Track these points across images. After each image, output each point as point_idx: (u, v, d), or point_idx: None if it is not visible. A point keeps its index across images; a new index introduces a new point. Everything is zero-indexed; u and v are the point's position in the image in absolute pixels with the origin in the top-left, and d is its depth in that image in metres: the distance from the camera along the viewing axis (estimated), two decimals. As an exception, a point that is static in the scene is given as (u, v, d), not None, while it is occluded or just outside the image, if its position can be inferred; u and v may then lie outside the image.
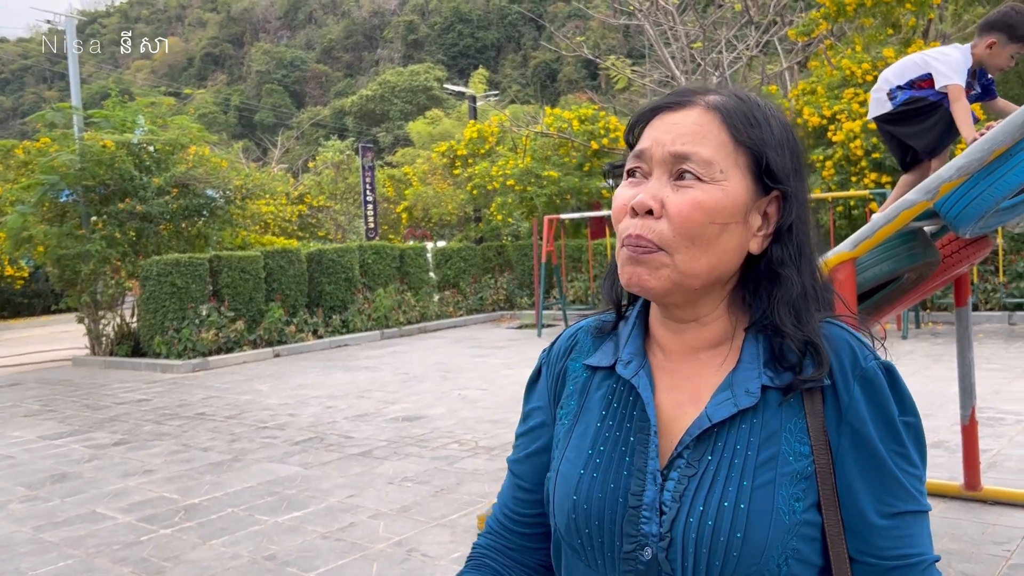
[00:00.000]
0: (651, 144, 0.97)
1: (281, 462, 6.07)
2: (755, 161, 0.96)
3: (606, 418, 1.02)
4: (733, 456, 0.93)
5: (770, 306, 0.98)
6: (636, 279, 0.96)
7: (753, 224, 0.98)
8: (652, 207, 0.94)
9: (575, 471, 1.00)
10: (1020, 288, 11.43)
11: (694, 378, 1.00)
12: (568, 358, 1.11)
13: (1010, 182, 2.85)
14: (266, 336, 12.43)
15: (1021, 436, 5.69)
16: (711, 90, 0.99)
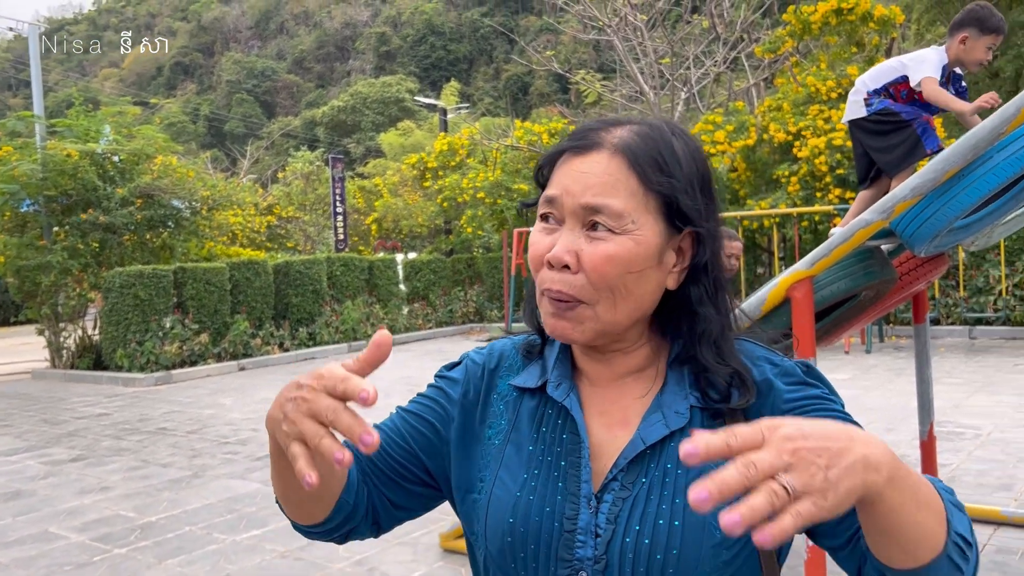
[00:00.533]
0: (561, 193, 0.96)
1: (242, 479, 5.98)
2: (666, 203, 0.96)
3: (537, 441, 1.01)
4: (665, 476, 0.94)
5: (691, 342, 0.98)
6: (560, 331, 0.97)
7: (668, 262, 0.98)
8: (568, 262, 0.94)
9: (510, 494, 0.99)
10: (980, 303, 11.61)
11: (620, 402, 1.01)
12: (496, 374, 1.09)
13: (963, 202, 2.89)
14: (231, 349, 12.28)
15: (979, 451, 5.76)
16: (617, 124, 0.98)
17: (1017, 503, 4.61)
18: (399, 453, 1.08)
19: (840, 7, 12.99)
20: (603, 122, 0.99)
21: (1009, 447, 5.79)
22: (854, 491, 0.69)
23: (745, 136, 13.10)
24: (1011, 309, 11.34)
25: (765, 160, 12.98)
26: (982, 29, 3.84)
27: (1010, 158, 2.81)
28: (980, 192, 2.87)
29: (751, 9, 17.61)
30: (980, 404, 7.24)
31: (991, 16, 3.85)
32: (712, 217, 0.99)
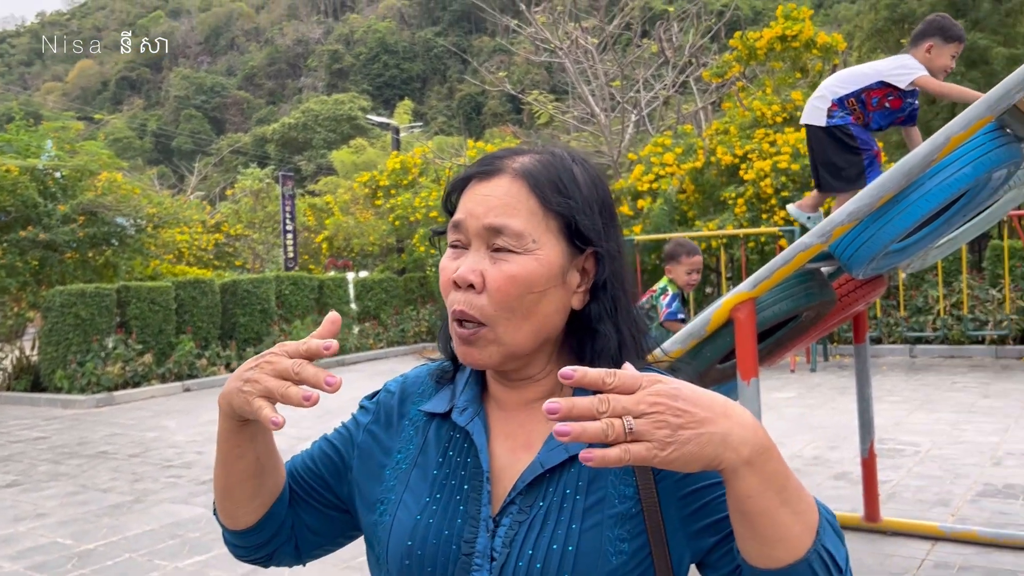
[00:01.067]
0: (466, 216, 0.99)
1: (185, 503, 5.85)
2: (566, 224, 0.98)
3: (443, 465, 1.03)
4: (563, 501, 0.95)
5: (591, 360, 1.00)
6: (469, 358, 0.99)
7: (572, 282, 1.00)
8: (473, 282, 0.96)
9: (411, 517, 1.00)
10: (920, 322, 11.93)
11: (527, 425, 1.02)
12: (410, 400, 1.11)
13: (897, 227, 2.98)
14: (176, 369, 12.04)
15: (919, 467, 5.90)
16: (520, 152, 1.02)
17: (954, 518, 4.73)
18: (311, 477, 1.14)
19: (785, 34, 13.33)
20: (507, 151, 1.03)
21: (946, 464, 5.94)
22: (700, 458, 0.75)
23: (693, 158, 13.32)
24: (949, 328, 11.66)
25: (713, 182, 13.21)
26: (946, 38, 3.91)
27: (941, 184, 2.91)
28: (914, 217, 2.97)
29: (699, 34, 17.98)
30: (920, 421, 7.43)
31: (952, 25, 3.94)
32: (612, 238, 1.02)
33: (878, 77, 3.97)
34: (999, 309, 11.28)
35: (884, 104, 4.01)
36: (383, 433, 1.10)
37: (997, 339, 11.44)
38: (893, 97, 3.98)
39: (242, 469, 1.05)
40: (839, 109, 4.06)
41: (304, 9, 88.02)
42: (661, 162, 13.71)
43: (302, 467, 1.15)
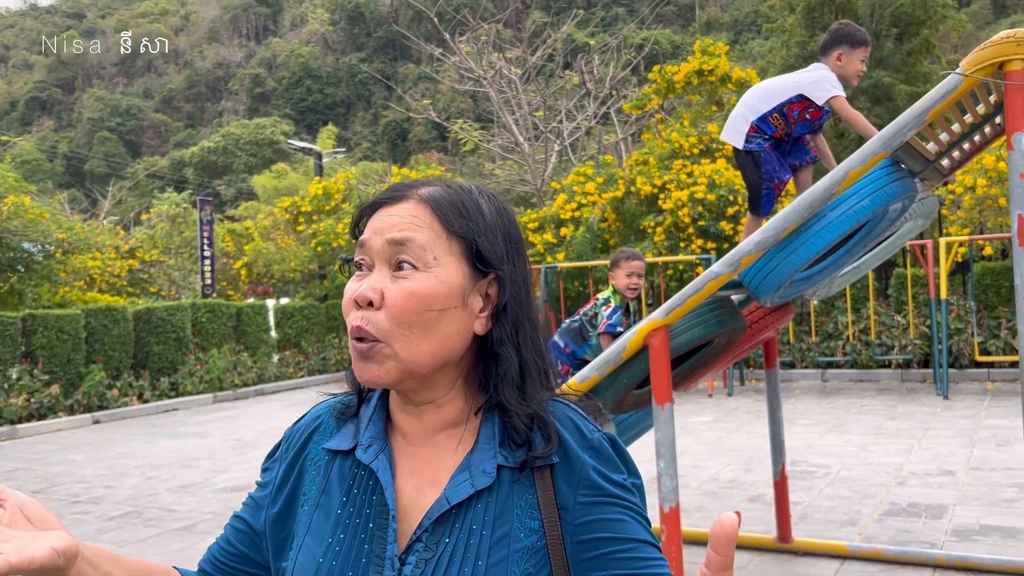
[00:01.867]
0: (370, 235, 1.00)
1: (93, 540, 5.62)
2: (468, 248, 1.00)
3: (347, 504, 1.01)
4: (469, 537, 0.95)
5: (494, 385, 1.01)
6: (367, 374, 0.98)
7: (474, 306, 1.01)
8: (372, 299, 0.97)
9: (313, 560, 0.99)
10: (830, 347, 12.37)
11: (433, 460, 1.02)
12: (310, 440, 1.10)
13: (802, 256, 3.11)
14: (85, 401, 11.58)
15: (829, 488, 6.10)
16: (426, 183, 1.05)
17: (861, 537, 4.90)
18: (232, 559, 1.12)
19: (702, 68, 13.79)
20: (415, 181, 1.05)
21: (855, 484, 6.16)
22: None
23: (614, 188, 13.59)
24: (858, 353, 12.12)
25: (633, 211, 13.49)
26: (852, 44, 4.02)
27: (841, 216, 3.05)
28: (817, 247, 3.10)
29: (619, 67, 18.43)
30: (830, 444, 7.68)
31: (857, 31, 4.05)
32: (517, 266, 1.04)
33: (797, 90, 4.02)
34: (904, 334, 11.79)
35: (804, 116, 4.08)
36: (287, 483, 1.08)
37: (902, 363, 11.94)
38: (813, 109, 4.04)
39: None
40: (756, 134, 4.10)
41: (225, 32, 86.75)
42: (583, 191, 13.94)
43: (220, 554, 1.12)
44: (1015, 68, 2.60)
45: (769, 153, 4.13)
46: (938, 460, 6.76)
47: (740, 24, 57.29)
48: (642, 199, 13.25)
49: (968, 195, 11.75)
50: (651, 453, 6.98)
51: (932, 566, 4.34)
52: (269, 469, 1.12)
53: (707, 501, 5.92)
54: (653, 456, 6.94)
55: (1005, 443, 7.27)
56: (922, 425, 8.33)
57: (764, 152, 4.12)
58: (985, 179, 11.51)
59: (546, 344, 1.08)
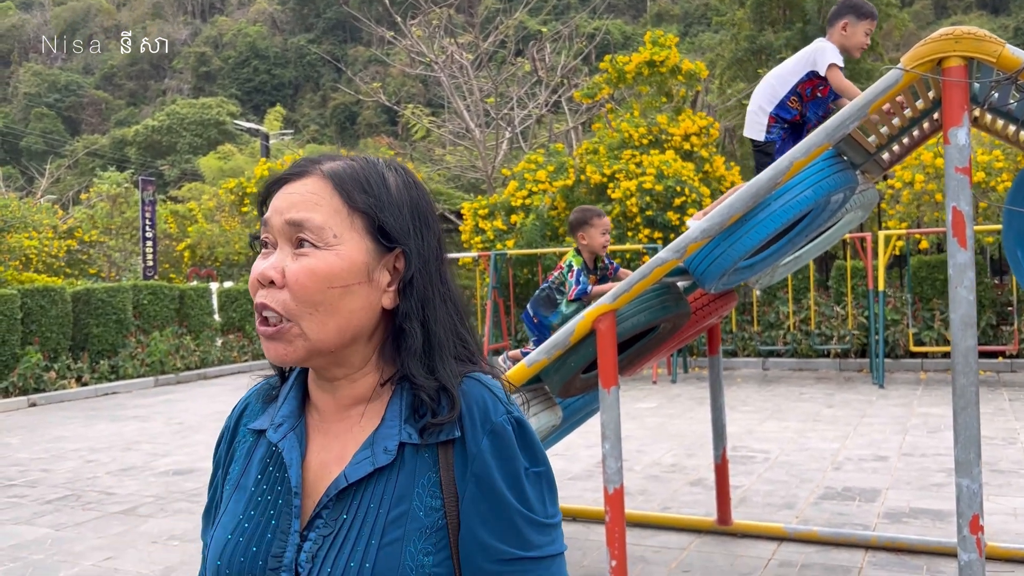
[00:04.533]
0: (272, 213, 1.00)
1: (29, 524, 5.50)
2: (371, 223, 1.00)
3: (261, 482, 1.03)
4: (366, 515, 0.96)
5: (403, 360, 1.02)
6: (275, 353, 0.98)
7: (381, 281, 1.01)
8: (273, 277, 0.97)
9: (224, 536, 1.00)
10: (772, 336, 12.64)
11: (343, 436, 1.02)
12: (240, 423, 1.12)
13: (745, 244, 3.19)
14: (20, 383, 11.27)
15: (768, 472, 6.26)
16: (330, 158, 1.04)
17: (798, 520, 5.05)
18: None
19: (652, 59, 13.90)
20: (321, 156, 1.05)
21: (793, 469, 6.33)
22: None
23: (564, 176, 13.66)
24: (798, 342, 12.42)
25: (583, 200, 13.57)
26: (859, 15, 4.09)
27: (785, 206, 3.13)
28: (760, 235, 3.18)
29: (571, 55, 18.48)
30: (770, 430, 7.87)
31: (864, 3, 4.13)
32: (424, 237, 1.04)
33: (808, 67, 4.04)
34: (843, 325, 12.11)
35: (816, 94, 4.09)
36: (221, 468, 1.11)
37: (841, 353, 12.27)
38: (823, 86, 4.06)
39: None
40: (776, 124, 4.12)
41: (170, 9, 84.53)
42: (534, 179, 13.98)
43: None
44: (952, 64, 2.69)
45: (785, 142, 4.11)
46: (872, 446, 6.98)
47: (690, 16, 57.81)
48: (592, 188, 13.34)
49: (906, 190, 12.10)
50: (596, 438, 7.08)
51: (865, 547, 4.50)
52: (215, 463, 1.14)
53: (650, 484, 6.03)
54: (599, 439, 7.03)
55: (936, 430, 7.54)
56: (858, 413, 8.59)
57: (780, 142, 4.10)
58: (923, 175, 11.85)
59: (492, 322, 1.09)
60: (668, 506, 5.47)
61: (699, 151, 13.47)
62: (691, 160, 13.42)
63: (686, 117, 13.65)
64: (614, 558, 3.27)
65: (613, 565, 3.27)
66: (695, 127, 13.44)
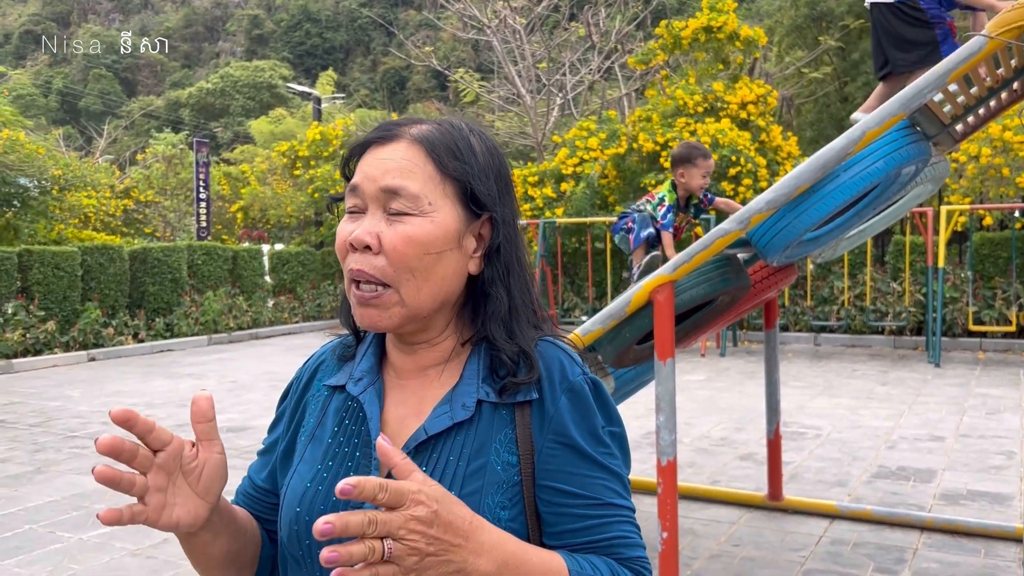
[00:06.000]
0: (363, 180, 1.00)
1: (90, 474, 5.66)
2: (462, 190, 1.01)
3: (338, 434, 1.05)
4: (445, 467, 0.98)
5: (483, 322, 1.04)
6: (369, 320, 1.00)
7: (468, 247, 1.03)
8: (369, 243, 0.97)
9: (302, 484, 1.03)
10: (824, 312, 12.42)
11: (420, 392, 1.05)
12: (313, 378, 1.14)
13: (812, 216, 3.10)
14: (80, 338, 11.59)
15: (820, 449, 6.17)
16: (418, 121, 1.04)
17: (850, 498, 4.97)
18: (262, 497, 1.16)
19: (709, 25, 13.59)
20: (407, 119, 1.05)
21: (845, 446, 6.23)
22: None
23: (616, 144, 13.50)
24: (852, 318, 12.18)
25: (634, 168, 13.42)
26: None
27: (855, 177, 3.04)
28: (828, 207, 3.09)
29: (626, 20, 18.16)
30: (821, 406, 7.76)
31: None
32: (508, 206, 1.05)
33: None
34: (899, 301, 11.84)
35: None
36: (293, 416, 1.14)
37: (896, 330, 12.01)
38: None
39: (216, 565, 1.06)
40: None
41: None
42: (585, 146, 13.84)
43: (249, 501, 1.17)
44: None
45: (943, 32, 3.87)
46: (928, 426, 6.84)
47: (748, -18, 56.43)
48: (644, 156, 13.17)
49: (972, 164, 11.71)
50: (644, 409, 7.05)
51: (920, 528, 4.42)
52: (281, 411, 1.17)
53: (699, 458, 5.99)
54: (646, 412, 6.99)
55: (995, 411, 7.35)
56: (913, 391, 8.41)
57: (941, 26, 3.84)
58: (990, 148, 11.46)
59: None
60: (717, 480, 5.43)
61: (756, 120, 13.19)
62: (747, 129, 13.15)
63: (743, 85, 13.35)
64: (665, 530, 3.25)
65: (664, 537, 3.25)
66: (752, 95, 13.15)
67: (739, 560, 4.04)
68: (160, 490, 0.91)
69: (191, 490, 0.93)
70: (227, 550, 1.05)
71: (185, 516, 0.93)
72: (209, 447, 0.94)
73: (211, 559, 1.05)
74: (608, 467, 1.01)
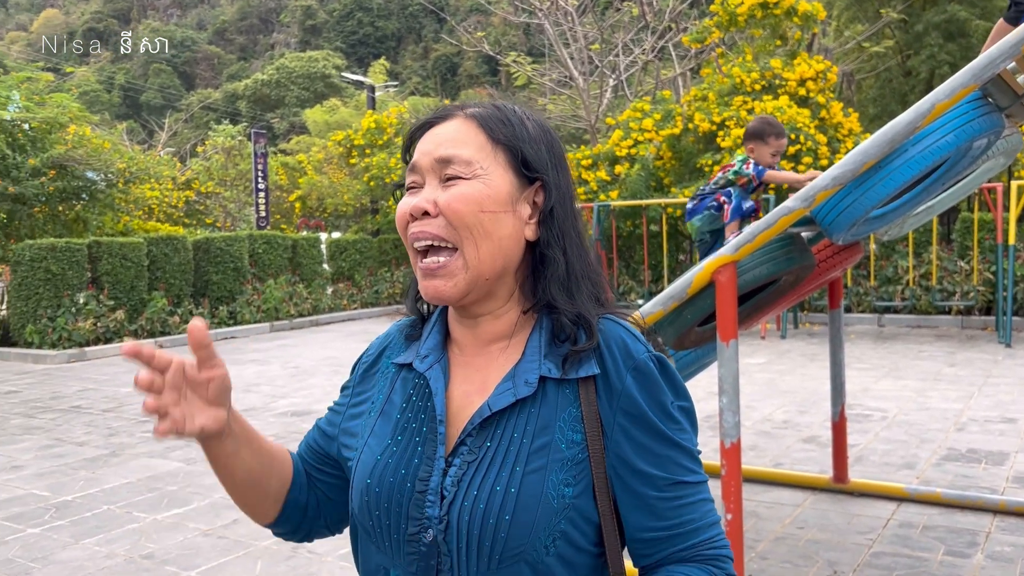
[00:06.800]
0: (419, 156, 1.06)
1: (163, 457, 5.86)
2: (513, 156, 1.05)
3: (406, 410, 1.09)
4: (510, 444, 1.00)
5: (543, 285, 1.07)
6: (434, 291, 1.04)
7: (523, 213, 1.06)
8: (427, 208, 1.03)
9: (373, 457, 1.07)
10: (889, 292, 12.13)
11: (484, 369, 1.08)
12: (382, 355, 1.19)
13: (879, 192, 3.03)
14: (148, 327, 11.95)
15: (885, 432, 6.05)
16: (472, 104, 1.10)
17: (919, 481, 4.87)
18: (318, 458, 1.22)
19: (766, 1, 13.30)
20: (463, 102, 1.11)
21: (912, 429, 6.10)
22: None
23: (671, 125, 13.33)
24: (917, 298, 11.88)
25: (690, 149, 13.24)
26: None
27: (924, 152, 2.96)
28: (895, 183, 3.02)
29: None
30: (887, 388, 7.59)
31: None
32: (560, 173, 1.09)
33: None
34: (966, 280, 11.50)
35: None
36: (360, 389, 1.18)
37: (963, 310, 11.68)
38: None
39: (240, 482, 1.13)
40: None
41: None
42: (640, 128, 13.70)
43: (307, 450, 1.23)
44: (1123, -4, 2.46)
45: None
46: (999, 408, 6.65)
47: (805, -44, 55.07)
48: (700, 136, 12.99)
49: (1043, 137, 11.28)
50: (704, 392, 6.99)
51: (993, 511, 4.31)
52: (347, 384, 1.22)
53: (761, 440, 5.93)
54: (706, 395, 6.94)
55: (1070, 392, 7.12)
56: (982, 372, 8.18)
57: None
58: (1063, 120, 11.01)
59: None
60: (780, 462, 5.37)
61: (815, 97, 12.89)
62: (806, 106, 12.86)
63: (801, 61, 13.05)
64: (729, 512, 3.23)
65: (728, 519, 3.23)
66: (811, 71, 12.84)
67: (804, 542, 4.00)
68: (176, 404, 1.00)
69: (203, 401, 1.02)
70: (248, 468, 1.11)
71: (207, 421, 1.01)
72: (211, 367, 1.02)
73: (235, 475, 1.11)
74: (679, 443, 1.03)
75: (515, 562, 0.96)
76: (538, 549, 0.96)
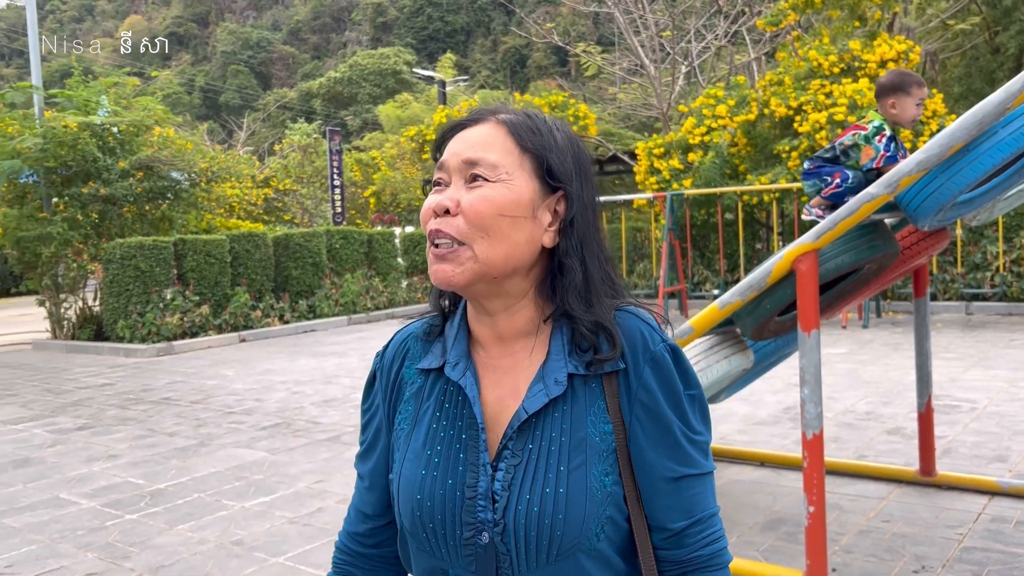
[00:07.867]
0: (449, 156, 1.09)
1: (248, 447, 6.06)
2: (539, 164, 1.08)
3: (440, 418, 1.11)
4: (551, 444, 1.05)
5: (561, 294, 1.09)
6: (442, 275, 1.05)
7: (543, 220, 1.09)
8: (449, 207, 1.05)
9: (416, 472, 1.09)
10: (977, 279, 11.69)
11: (512, 372, 1.11)
12: (402, 365, 1.19)
13: (967, 177, 2.93)
14: (232, 321, 12.33)
15: (975, 423, 5.84)
16: (505, 109, 1.12)
17: (1012, 474, 4.70)
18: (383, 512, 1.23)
19: (843, -19, 12.93)
20: (496, 107, 1.13)
21: (1004, 420, 5.87)
22: None
23: (746, 111, 13.08)
24: (1008, 285, 11.41)
25: (766, 135, 12.98)
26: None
27: (1015, 133, 2.85)
28: (984, 167, 2.92)
29: (753, -18, 17.49)
30: (976, 378, 7.33)
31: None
32: (584, 184, 1.11)
33: None
34: (1061, 265, 10.99)
35: None
36: (387, 403, 1.19)
37: (1058, 296, 11.16)
38: None
39: None
40: None
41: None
42: (713, 114, 13.49)
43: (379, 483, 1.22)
44: None
45: None
46: (1099, 398, 6.35)
47: (884, -68, 53.18)
48: (776, 122, 12.71)
49: None
50: (782, 383, 6.87)
51: (1092, 506, 4.13)
52: (371, 405, 1.22)
53: (843, 432, 5.79)
54: (784, 386, 6.81)
55: None
56: (1080, 361, 7.82)
57: None
58: None
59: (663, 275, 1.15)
60: (863, 455, 5.24)
61: (896, 79, 12.46)
62: (887, 89, 12.44)
63: (882, 42, 12.63)
64: (812, 504, 3.18)
65: (811, 511, 3.19)
66: (892, 52, 12.42)
67: (890, 536, 3.90)
68: None
69: None
70: None
71: None
72: None
73: None
74: (689, 436, 1.08)
75: (571, 553, 1.02)
76: (590, 538, 1.02)
